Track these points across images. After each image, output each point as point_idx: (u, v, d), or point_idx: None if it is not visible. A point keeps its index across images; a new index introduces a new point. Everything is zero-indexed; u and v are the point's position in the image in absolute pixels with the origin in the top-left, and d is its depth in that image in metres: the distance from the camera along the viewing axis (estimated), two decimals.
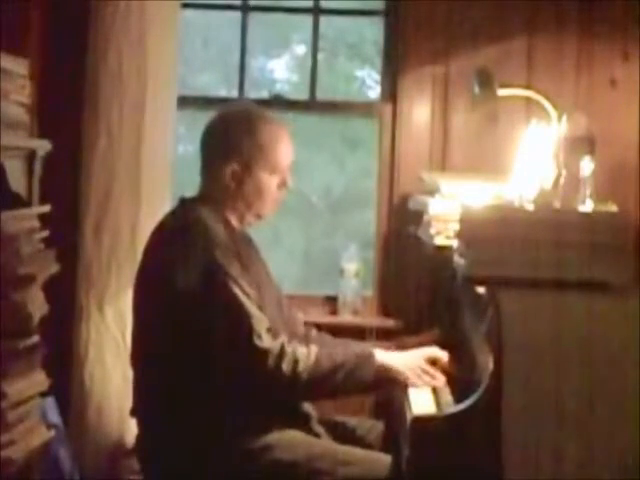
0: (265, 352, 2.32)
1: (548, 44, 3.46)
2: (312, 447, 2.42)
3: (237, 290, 2.35)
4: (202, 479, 2.38)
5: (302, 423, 2.48)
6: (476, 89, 3.19)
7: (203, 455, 2.36)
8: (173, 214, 2.57)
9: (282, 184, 2.57)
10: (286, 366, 2.32)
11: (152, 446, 2.47)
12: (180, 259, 2.37)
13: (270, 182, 2.55)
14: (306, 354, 2.37)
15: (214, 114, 2.63)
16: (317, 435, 2.51)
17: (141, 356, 2.50)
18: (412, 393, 2.49)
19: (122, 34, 3.21)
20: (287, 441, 2.40)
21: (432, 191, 2.96)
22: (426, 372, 2.53)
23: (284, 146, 2.56)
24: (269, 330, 2.37)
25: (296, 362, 2.34)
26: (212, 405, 2.38)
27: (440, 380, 2.53)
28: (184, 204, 2.57)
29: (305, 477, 2.36)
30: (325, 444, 2.47)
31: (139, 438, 2.52)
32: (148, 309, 2.46)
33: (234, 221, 2.55)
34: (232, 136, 2.53)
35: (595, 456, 2.14)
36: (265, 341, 2.33)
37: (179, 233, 2.45)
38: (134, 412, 2.52)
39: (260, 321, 2.35)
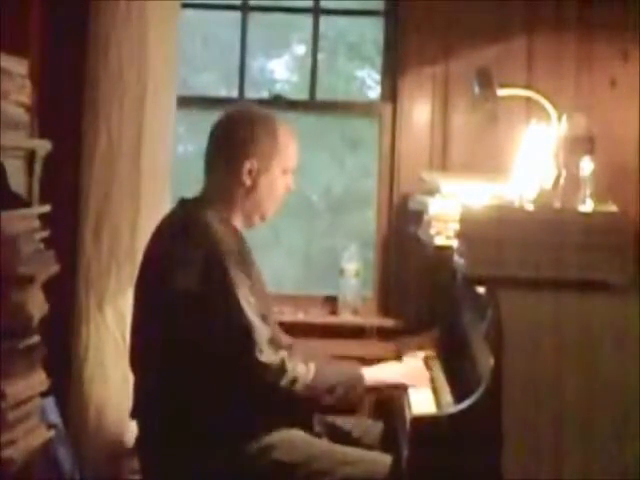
0: (265, 366, 2.32)
1: (548, 44, 3.46)
2: (311, 447, 2.42)
3: (243, 301, 2.34)
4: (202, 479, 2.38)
5: (303, 423, 2.49)
6: (476, 89, 3.18)
7: (203, 456, 2.36)
8: (175, 216, 2.55)
9: (287, 187, 2.59)
10: (284, 382, 2.33)
11: (152, 447, 2.47)
12: (185, 267, 2.35)
13: (281, 183, 2.57)
14: (304, 372, 2.37)
15: (224, 113, 2.62)
16: (318, 435, 2.52)
17: (141, 359, 2.49)
18: (412, 393, 2.49)
19: (122, 34, 3.21)
20: (286, 442, 2.40)
21: (432, 191, 2.96)
22: (419, 374, 2.56)
23: (295, 149, 2.60)
24: (271, 341, 2.37)
25: (294, 380, 2.35)
26: (211, 407, 2.38)
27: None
28: (185, 205, 2.55)
29: (304, 478, 2.36)
30: (324, 444, 2.48)
31: (139, 439, 2.52)
32: (150, 313, 2.45)
33: (237, 223, 2.55)
34: (252, 133, 2.53)
35: (595, 456, 2.14)
36: (266, 355, 2.32)
37: (184, 239, 2.42)
38: (134, 414, 2.52)
39: (262, 333, 2.35)
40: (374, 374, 2.53)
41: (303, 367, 2.39)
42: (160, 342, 2.40)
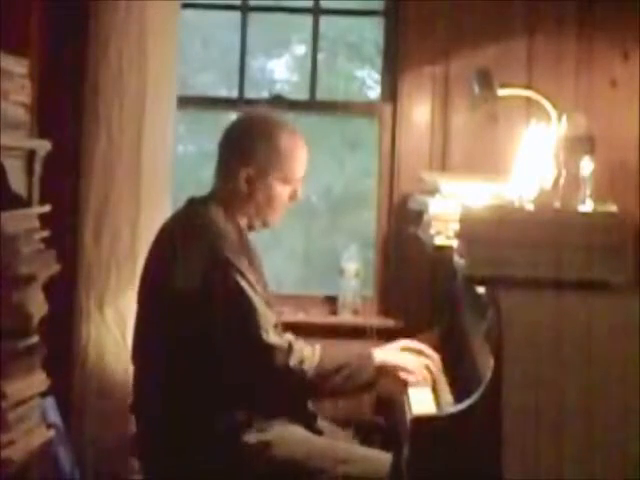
0: (272, 347, 2.34)
1: (548, 44, 3.46)
2: (312, 445, 2.42)
3: (245, 285, 2.36)
4: (201, 476, 2.39)
5: (304, 420, 2.49)
6: (476, 89, 3.18)
7: (202, 452, 2.36)
8: (183, 213, 2.57)
9: (293, 195, 2.59)
10: (293, 363, 2.34)
11: (151, 442, 2.48)
12: (189, 257, 2.39)
13: (282, 191, 2.56)
14: (311, 353, 2.38)
15: (235, 117, 2.65)
16: (319, 432, 2.52)
17: (143, 353, 2.51)
18: (412, 393, 2.49)
19: (122, 34, 3.21)
20: (287, 438, 2.41)
21: (432, 191, 2.96)
22: (425, 365, 2.55)
23: (300, 157, 2.57)
24: (276, 326, 2.39)
25: (302, 360, 2.35)
26: (212, 402, 2.38)
27: (438, 364, 2.56)
28: (193, 204, 2.57)
29: (305, 475, 2.37)
30: (325, 442, 2.48)
31: (138, 434, 2.53)
32: (153, 306, 2.47)
33: (243, 224, 2.56)
34: (251, 141, 2.54)
35: (595, 456, 2.14)
36: (272, 337, 2.34)
37: (189, 231, 2.46)
38: (133, 408, 2.54)
39: (267, 317, 2.37)
40: (383, 353, 2.53)
41: (309, 348, 2.40)
42: (163, 333, 2.41)
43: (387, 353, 2.54)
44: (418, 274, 3.44)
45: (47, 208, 2.71)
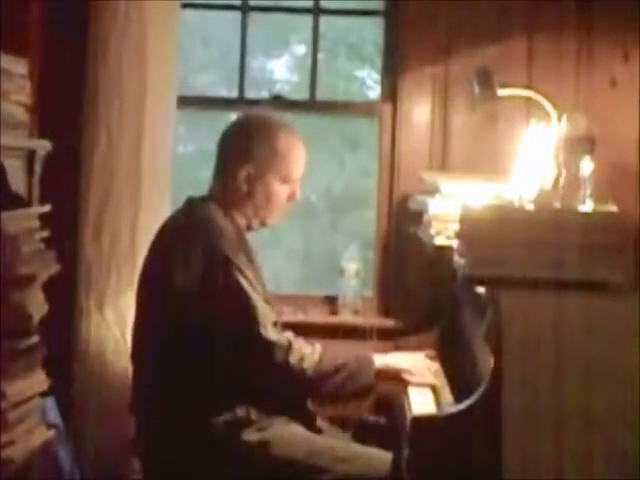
0: (272, 344, 2.35)
1: (548, 44, 3.46)
2: (312, 443, 2.43)
3: (244, 283, 2.38)
4: (201, 475, 2.39)
5: (304, 419, 2.49)
6: (476, 89, 3.18)
7: (202, 451, 2.36)
8: (182, 213, 2.59)
9: (291, 195, 2.60)
10: (293, 361, 2.35)
11: (150, 442, 2.49)
12: (188, 255, 2.40)
13: (280, 191, 2.58)
14: (311, 352, 2.39)
15: (234, 117, 2.67)
16: (319, 432, 2.52)
17: (142, 352, 2.51)
18: (412, 393, 2.49)
19: (122, 34, 3.21)
20: (287, 437, 2.41)
21: (432, 191, 2.96)
22: (426, 368, 2.57)
23: (299, 157, 2.60)
24: (275, 324, 2.39)
25: (302, 358, 2.37)
26: (211, 401, 2.39)
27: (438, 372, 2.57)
28: (192, 203, 2.59)
29: (304, 473, 2.37)
30: (325, 441, 2.49)
31: (137, 434, 2.54)
32: (152, 304, 2.48)
33: (241, 224, 2.58)
34: (250, 141, 2.56)
35: (595, 456, 2.14)
36: (271, 333, 2.35)
37: (188, 230, 2.47)
38: (133, 408, 2.54)
39: (266, 314, 2.38)
40: (383, 358, 2.55)
41: (309, 347, 2.42)
42: (162, 332, 2.42)
43: (387, 358, 2.56)
44: (418, 274, 3.44)
45: (47, 208, 2.71)
